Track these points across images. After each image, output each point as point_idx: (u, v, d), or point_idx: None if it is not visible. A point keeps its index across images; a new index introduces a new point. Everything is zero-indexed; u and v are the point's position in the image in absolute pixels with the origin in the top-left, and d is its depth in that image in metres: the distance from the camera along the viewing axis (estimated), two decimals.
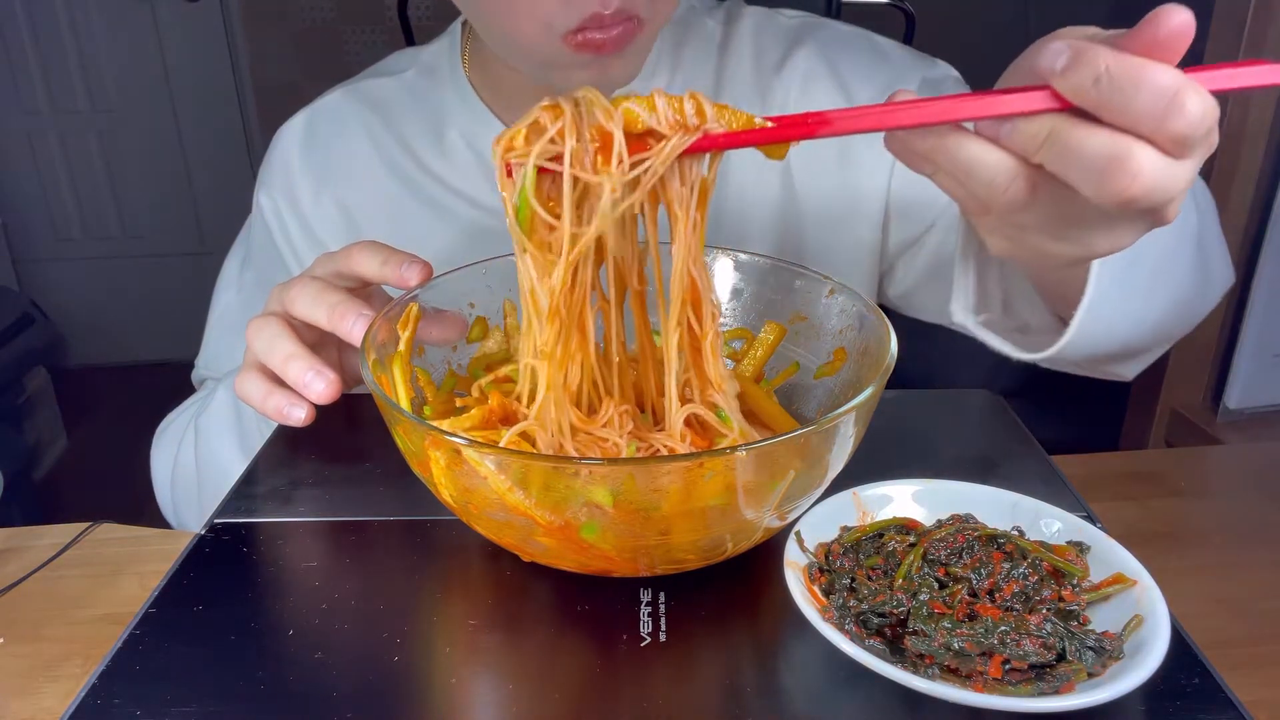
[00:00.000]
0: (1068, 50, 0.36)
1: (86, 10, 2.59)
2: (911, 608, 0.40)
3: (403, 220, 0.82)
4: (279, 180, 0.84)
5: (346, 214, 0.83)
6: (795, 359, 0.57)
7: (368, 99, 0.85)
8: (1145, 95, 0.35)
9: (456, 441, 0.40)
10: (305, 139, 0.85)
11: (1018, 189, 0.40)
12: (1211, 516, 0.76)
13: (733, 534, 0.43)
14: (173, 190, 2.79)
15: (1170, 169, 0.37)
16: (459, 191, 0.82)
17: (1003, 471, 0.54)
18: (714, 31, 0.82)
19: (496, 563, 0.48)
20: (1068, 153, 0.37)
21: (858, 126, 0.41)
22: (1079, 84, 0.36)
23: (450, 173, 0.82)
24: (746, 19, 0.83)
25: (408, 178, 0.83)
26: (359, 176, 0.83)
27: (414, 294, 0.54)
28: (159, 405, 0.86)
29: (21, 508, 2.04)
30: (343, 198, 0.83)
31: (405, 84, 0.86)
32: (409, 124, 0.84)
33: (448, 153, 0.82)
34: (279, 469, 0.57)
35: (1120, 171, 0.36)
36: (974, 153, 0.40)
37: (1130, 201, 0.37)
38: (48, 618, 0.66)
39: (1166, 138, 0.36)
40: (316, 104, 0.88)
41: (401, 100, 0.85)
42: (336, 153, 0.84)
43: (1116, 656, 0.38)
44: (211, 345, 0.87)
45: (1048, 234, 0.42)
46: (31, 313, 2.42)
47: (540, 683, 0.40)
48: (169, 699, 0.40)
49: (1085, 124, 0.37)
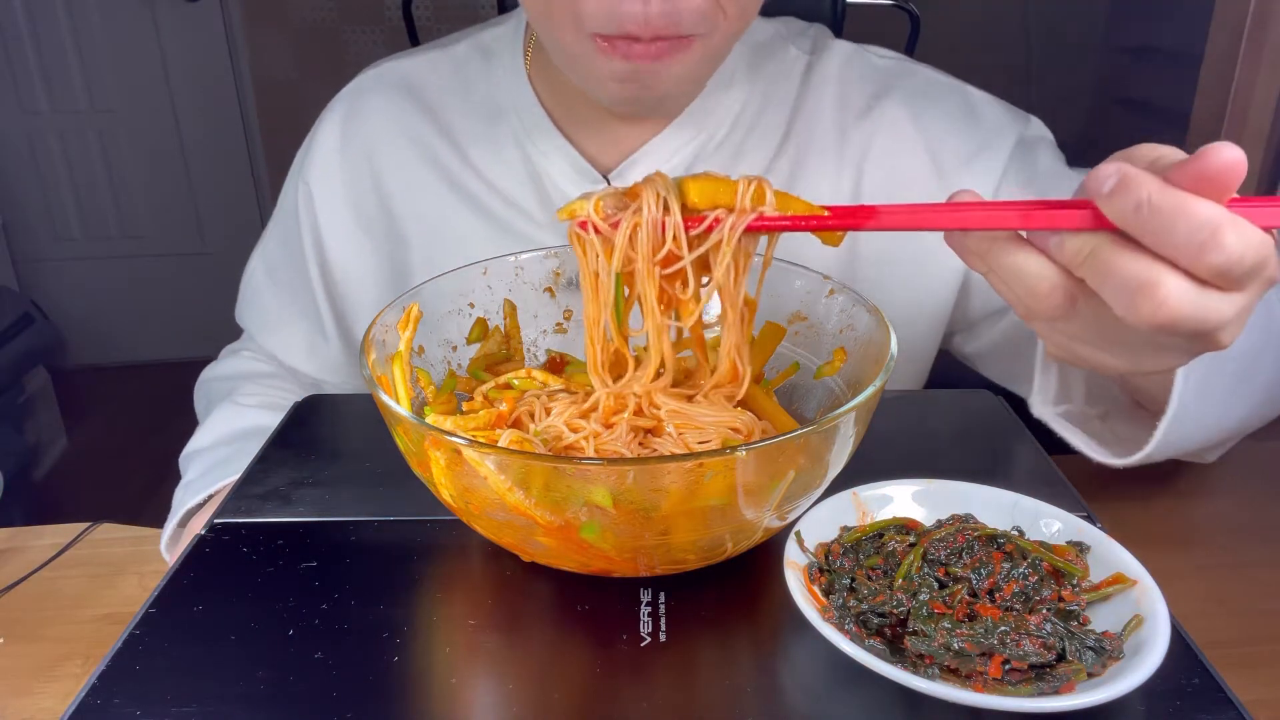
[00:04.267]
0: (1116, 175, 0.37)
1: (86, 10, 2.59)
2: (911, 608, 0.40)
3: (443, 218, 0.80)
4: (316, 171, 0.83)
5: (386, 206, 0.81)
6: (795, 359, 0.57)
7: (405, 83, 0.82)
8: (1183, 227, 0.36)
9: (456, 441, 0.40)
10: (344, 127, 0.83)
11: (1057, 299, 0.41)
12: (1212, 516, 0.76)
13: (733, 534, 0.43)
14: (173, 190, 2.79)
15: (1206, 300, 0.38)
16: (504, 194, 0.79)
17: (1003, 471, 0.54)
18: (797, 61, 0.79)
19: (496, 563, 0.48)
20: (1105, 271, 0.38)
21: (907, 224, 0.43)
22: (1122, 209, 0.37)
23: (497, 172, 0.79)
24: (835, 53, 0.79)
25: (449, 171, 0.80)
26: (397, 166, 0.81)
27: (414, 294, 0.54)
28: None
29: (21, 508, 2.04)
30: (382, 186, 0.81)
31: (455, 61, 0.82)
32: (453, 108, 0.81)
33: (497, 150, 0.79)
34: (279, 469, 0.57)
35: (1148, 298, 0.37)
36: (1020, 259, 0.41)
37: (1160, 327, 0.38)
38: (48, 618, 0.66)
39: (1205, 270, 0.37)
40: (355, 84, 0.85)
41: (446, 81, 0.82)
42: (374, 139, 0.81)
43: (1116, 656, 0.38)
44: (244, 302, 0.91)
45: (1094, 346, 0.44)
46: (31, 313, 2.42)
47: (540, 683, 0.40)
48: (169, 699, 0.40)
49: (1126, 246, 0.38)
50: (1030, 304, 0.42)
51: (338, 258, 0.83)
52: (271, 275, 0.88)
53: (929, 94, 0.77)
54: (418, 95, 0.82)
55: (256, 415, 0.79)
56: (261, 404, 0.82)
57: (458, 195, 0.80)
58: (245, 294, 0.91)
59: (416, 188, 0.81)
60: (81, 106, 2.68)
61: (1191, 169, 0.37)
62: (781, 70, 0.78)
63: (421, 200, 0.81)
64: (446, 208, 0.80)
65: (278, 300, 0.88)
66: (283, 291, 0.87)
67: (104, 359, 2.92)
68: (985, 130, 0.76)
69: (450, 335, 0.58)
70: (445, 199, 0.80)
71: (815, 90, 0.78)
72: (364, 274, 0.83)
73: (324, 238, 0.83)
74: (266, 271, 0.88)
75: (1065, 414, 0.59)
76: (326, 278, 0.84)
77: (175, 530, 0.73)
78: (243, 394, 0.83)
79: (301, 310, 0.87)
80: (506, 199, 0.79)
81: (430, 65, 0.83)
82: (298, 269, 0.85)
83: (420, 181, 0.80)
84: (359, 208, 0.82)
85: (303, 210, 0.83)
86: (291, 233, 0.85)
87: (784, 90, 0.77)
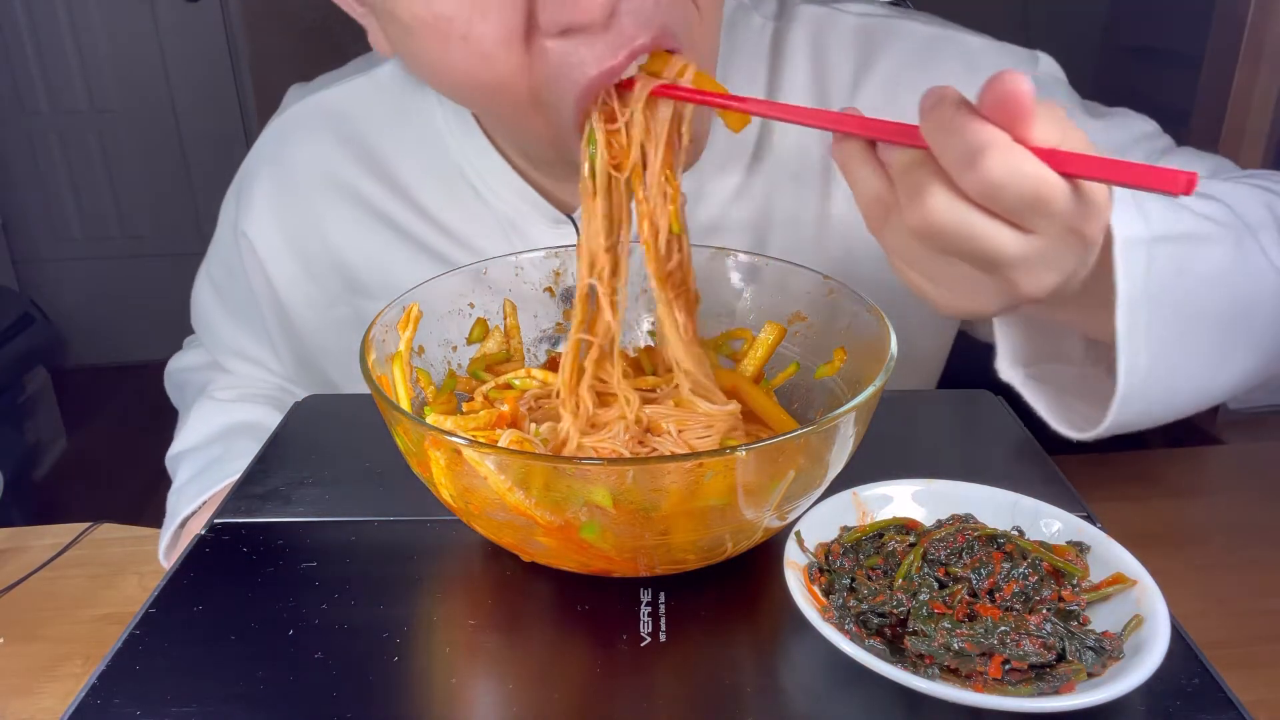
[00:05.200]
0: (935, 96, 0.40)
1: (86, 10, 2.59)
2: (911, 608, 0.40)
3: (403, 270, 0.72)
4: (254, 228, 0.76)
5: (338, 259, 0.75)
6: (795, 359, 0.57)
7: (332, 119, 0.74)
8: (955, 142, 0.39)
9: (456, 441, 0.40)
10: (275, 181, 0.76)
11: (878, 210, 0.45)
12: (1211, 516, 0.76)
13: (733, 534, 0.43)
14: (172, 190, 2.79)
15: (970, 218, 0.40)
16: (465, 242, 0.72)
17: (1003, 471, 0.54)
18: (763, 30, 0.71)
19: (496, 563, 0.48)
20: (900, 177, 0.42)
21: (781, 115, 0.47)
22: (927, 125, 0.40)
23: (450, 217, 0.73)
24: (803, 18, 0.71)
25: (396, 221, 0.73)
26: (338, 220, 0.74)
27: (414, 294, 0.54)
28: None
29: (21, 508, 2.04)
30: (328, 239, 0.75)
31: (380, 87, 0.74)
32: (389, 145, 0.73)
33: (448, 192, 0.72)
34: (279, 469, 0.57)
35: (919, 203, 0.41)
36: (864, 170, 0.44)
37: (928, 232, 0.41)
38: (48, 618, 0.66)
39: (967, 185, 0.39)
40: (277, 127, 0.78)
41: (375, 112, 0.73)
42: (308, 193, 0.74)
43: (1116, 656, 0.38)
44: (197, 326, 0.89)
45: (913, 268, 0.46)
46: (31, 313, 2.42)
47: (540, 683, 0.40)
48: (169, 699, 0.40)
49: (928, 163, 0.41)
50: (862, 210, 0.45)
51: (300, 312, 0.78)
52: (222, 301, 0.84)
53: (920, 57, 0.69)
54: (347, 132, 0.74)
55: (237, 410, 0.80)
56: (239, 397, 0.82)
57: (412, 246, 0.74)
58: (195, 310, 0.87)
59: (366, 240, 0.74)
60: (81, 106, 2.69)
61: (984, 95, 0.38)
62: (746, 42, 0.70)
63: (374, 253, 0.74)
64: (404, 260, 0.73)
65: (230, 325, 0.84)
66: (234, 316, 0.84)
67: (104, 359, 2.92)
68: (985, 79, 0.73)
69: (450, 335, 0.58)
70: (400, 250, 0.74)
71: (788, 64, 0.70)
72: (328, 324, 0.78)
73: (279, 293, 0.77)
74: (214, 294, 0.85)
75: (1037, 375, 0.58)
76: (284, 323, 0.80)
77: (172, 537, 0.72)
78: (218, 388, 0.83)
79: (255, 338, 0.83)
80: (471, 248, 0.73)
81: (356, 94, 0.75)
82: (246, 301, 0.81)
83: (368, 234, 0.74)
84: (309, 262, 0.76)
85: (247, 262, 0.77)
86: (238, 274, 0.79)
87: (751, 67, 0.70)
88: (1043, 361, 0.59)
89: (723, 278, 0.59)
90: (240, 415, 0.79)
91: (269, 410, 0.80)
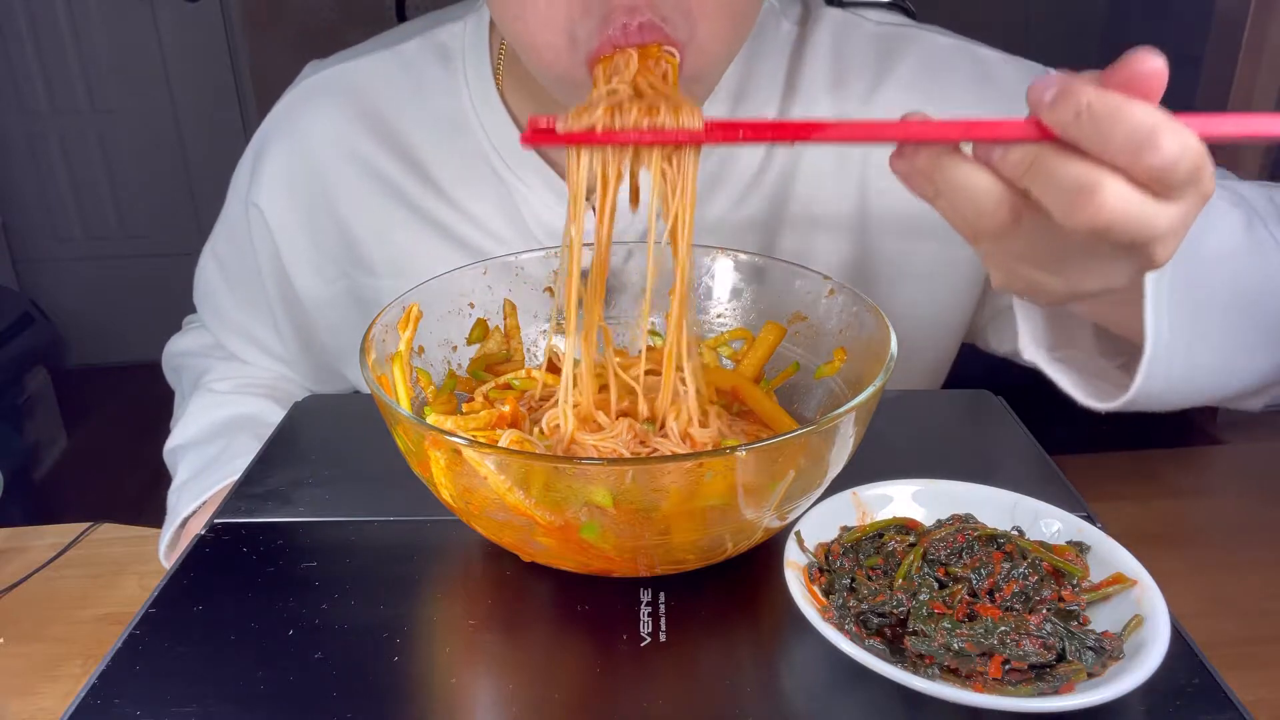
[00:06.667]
0: (1056, 85, 0.38)
1: (86, 10, 2.59)
2: (911, 608, 0.40)
3: (409, 247, 0.74)
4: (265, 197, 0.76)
5: (345, 233, 0.75)
6: (795, 359, 0.57)
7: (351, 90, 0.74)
8: (1121, 130, 0.37)
9: (456, 441, 0.40)
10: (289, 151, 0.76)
11: (1003, 214, 0.41)
12: (1211, 516, 0.76)
13: (733, 534, 0.43)
14: (172, 190, 2.79)
15: (1144, 206, 0.38)
16: (477, 220, 0.73)
17: (1003, 471, 0.54)
18: (788, 35, 0.72)
19: (496, 563, 0.48)
20: (1047, 178, 0.39)
21: (852, 136, 0.44)
22: (1063, 117, 0.38)
23: (464, 194, 0.73)
24: (825, 22, 0.73)
25: (409, 196, 0.73)
26: (350, 193, 0.74)
27: (414, 293, 0.54)
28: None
29: (21, 508, 2.03)
30: (337, 212, 0.75)
31: (405, 62, 0.74)
32: (408, 119, 0.73)
33: (464, 170, 0.72)
34: (279, 469, 0.57)
35: (1088, 200, 0.37)
36: (965, 173, 0.41)
37: (1098, 231, 0.38)
38: (48, 618, 0.66)
39: (1142, 173, 0.37)
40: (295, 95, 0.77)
41: (397, 87, 0.73)
42: (322, 165, 0.75)
43: (1116, 656, 0.38)
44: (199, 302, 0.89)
45: (1035, 265, 0.44)
46: (31, 313, 2.42)
47: (540, 683, 0.40)
48: (169, 699, 0.40)
49: (1067, 154, 0.38)
50: (976, 221, 0.42)
51: (304, 284, 0.78)
52: (226, 277, 0.84)
53: (936, 65, 0.71)
54: (366, 105, 0.74)
55: (235, 403, 0.79)
56: (236, 388, 0.82)
57: (422, 221, 0.74)
58: (199, 288, 0.87)
59: (375, 215, 0.74)
60: (81, 106, 2.68)
61: (1120, 74, 0.37)
62: (771, 44, 0.72)
63: (383, 228, 0.75)
64: (412, 236, 0.74)
65: (233, 301, 0.84)
66: (237, 292, 0.84)
67: (104, 359, 2.91)
68: (1002, 94, 0.71)
69: (450, 335, 0.58)
70: (408, 226, 0.74)
71: (808, 66, 0.72)
72: (331, 299, 0.78)
73: (286, 266, 0.78)
74: (219, 270, 0.84)
75: (1065, 358, 0.57)
76: (287, 298, 0.80)
77: (173, 536, 0.72)
78: (215, 378, 0.82)
79: (258, 317, 0.83)
80: (479, 225, 0.73)
81: (377, 67, 0.75)
82: (251, 278, 0.81)
83: (378, 208, 0.74)
84: (317, 236, 0.76)
85: (256, 233, 0.77)
86: (245, 249, 0.80)
87: (772, 65, 0.72)
88: (1060, 348, 0.58)
89: (723, 278, 0.59)
90: (238, 408, 0.79)
91: (267, 403, 0.80)
